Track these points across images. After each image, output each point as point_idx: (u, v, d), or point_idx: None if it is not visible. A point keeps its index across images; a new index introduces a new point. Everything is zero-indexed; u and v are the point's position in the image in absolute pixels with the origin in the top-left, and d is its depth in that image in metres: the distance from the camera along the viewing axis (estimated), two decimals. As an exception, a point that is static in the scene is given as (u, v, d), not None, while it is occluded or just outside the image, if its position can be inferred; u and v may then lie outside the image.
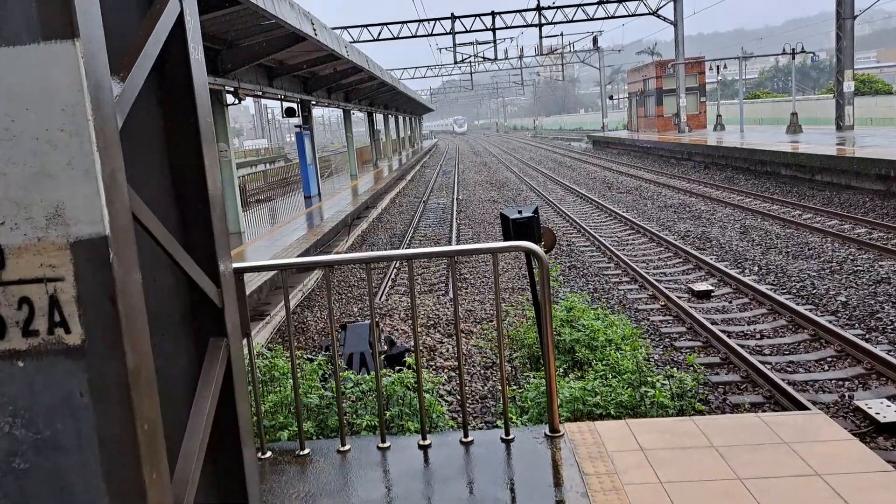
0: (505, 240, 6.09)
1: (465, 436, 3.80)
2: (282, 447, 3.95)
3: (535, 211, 5.81)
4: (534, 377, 5.42)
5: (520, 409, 5.16)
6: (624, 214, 18.94)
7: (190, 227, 1.95)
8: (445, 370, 8.02)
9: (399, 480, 3.55)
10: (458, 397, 7.27)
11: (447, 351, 8.65)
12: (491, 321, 9.86)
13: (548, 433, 3.80)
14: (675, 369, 6.11)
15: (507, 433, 3.79)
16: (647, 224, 17.31)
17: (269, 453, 3.85)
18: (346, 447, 3.84)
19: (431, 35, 37.19)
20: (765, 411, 6.63)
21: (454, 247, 3.64)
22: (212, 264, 1.94)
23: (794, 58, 32.60)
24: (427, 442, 3.80)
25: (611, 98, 64.14)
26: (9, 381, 1.43)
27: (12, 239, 1.41)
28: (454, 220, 21.06)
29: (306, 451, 3.84)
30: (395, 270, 13.88)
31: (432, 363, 8.10)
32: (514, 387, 6.74)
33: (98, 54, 1.43)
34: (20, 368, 1.43)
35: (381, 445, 3.82)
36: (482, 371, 7.99)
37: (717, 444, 3.55)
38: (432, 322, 9.91)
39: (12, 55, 1.36)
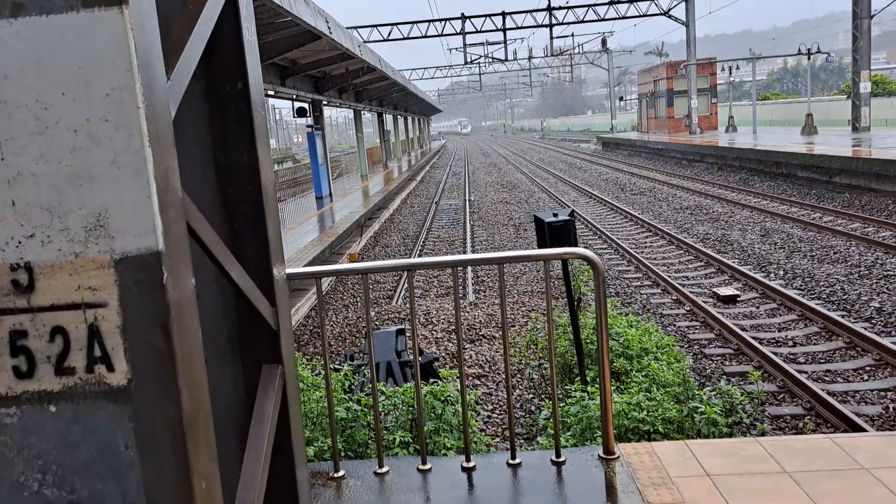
0: (539, 244, 5.83)
1: (513, 457, 3.52)
2: (314, 468, 3.68)
3: (571, 214, 5.54)
4: (575, 390, 5.14)
5: (560, 424, 4.87)
6: (640, 216, 18.63)
7: (240, 235, 1.68)
8: (469, 377, 7.75)
9: (443, 506, 3.28)
10: (485, 408, 7.00)
11: (471, 358, 8.37)
12: (513, 326, 9.58)
13: (602, 455, 3.52)
14: (721, 382, 5.82)
15: (558, 455, 3.51)
16: (664, 226, 16.99)
17: (300, 475, 3.58)
18: (384, 469, 3.56)
19: (441, 35, 36.92)
20: (821, 429, 6.33)
21: (502, 253, 3.38)
22: (266, 278, 1.67)
23: (809, 58, 32.20)
24: (471, 464, 3.52)
25: (621, 99, 63.75)
26: (39, 429, 1.16)
27: (44, 255, 1.14)
28: (467, 221, 20.78)
29: (341, 472, 3.57)
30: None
31: (455, 370, 7.82)
32: (547, 397, 6.47)
33: (149, 27, 1.16)
34: (52, 414, 1.16)
35: (421, 468, 3.54)
36: (517, 381, 7.70)
37: (790, 470, 3.27)
38: (453, 327, 9.63)
39: (45, 26, 1.09)
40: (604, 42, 55.79)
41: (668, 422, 4.51)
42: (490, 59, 50.25)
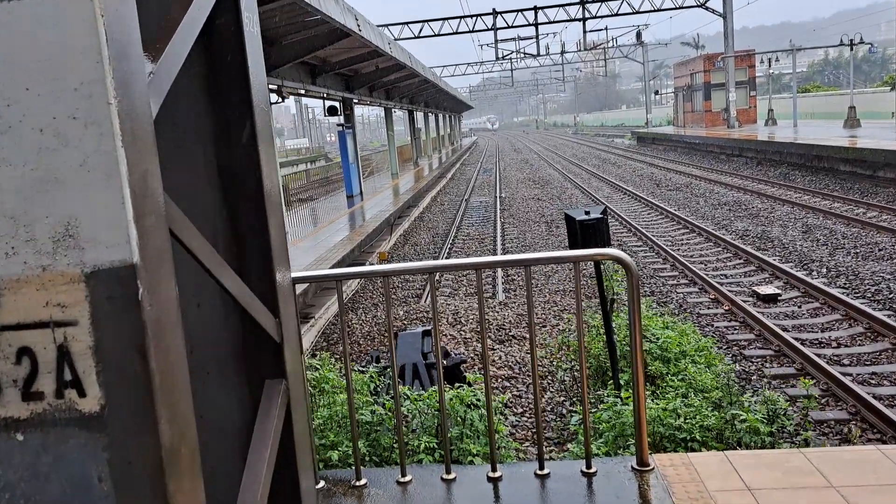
0: (570, 243, 5.65)
1: (541, 468, 3.37)
2: (335, 476, 3.58)
3: (604, 212, 5.36)
4: (608, 395, 4.96)
5: (592, 431, 4.70)
6: (676, 212, 18.24)
7: (242, 241, 1.56)
8: (498, 379, 7.60)
9: (468, 518, 3.15)
10: (514, 412, 6.84)
11: (500, 359, 8.22)
12: (544, 327, 9.40)
13: (635, 466, 3.35)
14: (765, 389, 5.57)
15: (589, 466, 3.34)
16: (701, 223, 16.60)
17: (321, 483, 3.48)
18: (407, 478, 3.44)
19: (473, 31, 36.70)
20: (867, 434, 6.06)
21: (530, 255, 3.23)
22: (268, 286, 1.55)
23: (851, 49, 31.26)
24: (497, 474, 3.38)
25: (656, 93, 62.79)
26: (5, 459, 1.06)
27: (8, 268, 1.03)
28: (498, 219, 20.59)
29: (363, 481, 3.45)
30: (438, 273, 13.47)
31: (482, 372, 7.66)
32: (579, 401, 6.29)
33: (124, 14, 1.04)
34: (19, 443, 1.06)
35: (445, 477, 3.41)
36: (539, 381, 7.53)
37: (838, 485, 3.06)
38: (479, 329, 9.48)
39: (6, 13, 0.98)
40: (638, 35, 54.98)
41: (706, 429, 4.31)
42: (522, 55, 49.86)
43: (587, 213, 5.20)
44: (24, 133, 1.01)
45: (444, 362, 6.20)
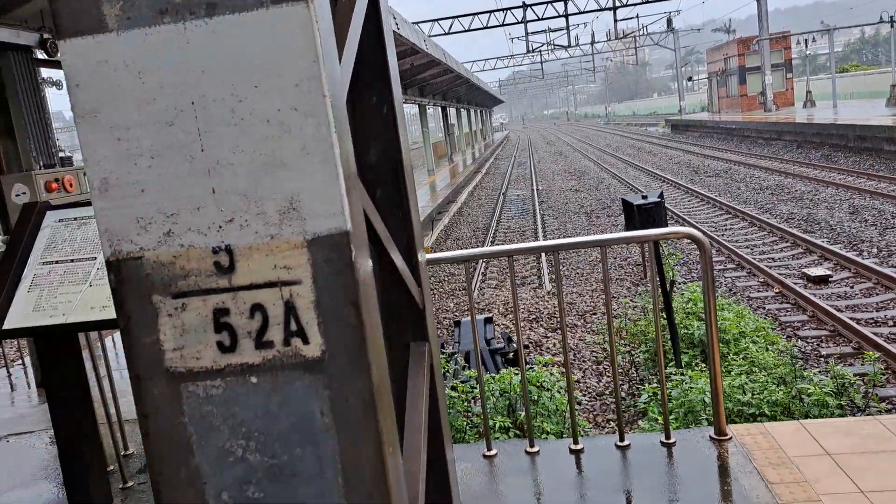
0: (627, 227, 5.77)
1: (622, 439, 3.52)
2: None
3: (661, 195, 5.46)
4: (674, 374, 5.07)
5: (660, 409, 4.81)
6: (717, 198, 18.13)
7: (388, 220, 1.75)
8: (555, 365, 7.74)
9: (552, 488, 3.31)
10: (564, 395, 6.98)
11: (554, 346, 8.36)
12: (594, 314, 9.51)
13: (713, 436, 3.48)
14: (832, 365, 5.62)
15: (668, 437, 3.48)
16: (744, 207, 16.48)
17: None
18: (493, 452, 3.62)
19: (503, 25, 36.69)
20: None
21: (602, 236, 3.37)
22: (411, 259, 1.74)
23: (892, 26, 30.54)
24: (579, 446, 3.54)
25: (690, 79, 61.98)
26: (242, 399, 1.25)
27: (242, 238, 1.23)
28: (537, 211, 20.66)
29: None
30: (484, 264, 13.64)
31: (542, 358, 7.80)
32: (637, 384, 6.40)
33: (327, 19, 1.23)
34: (253, 385, 1.25)
35: (529, 450, 3.58)
36: (594, 367, 7.66)
37: (916, 448, 3.15)
38: (533, 316, 9.63)
39: (238, 23, 1.17)
40: (669, 22, 54.37)
41: (773, 404, 4.40)
42: (552, 46, 49.66)
43: (644, 197, 5.31)
44: (254, 124, 1.21)
45: (508, 348, 6.38)
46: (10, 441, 4.96)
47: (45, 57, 6.56)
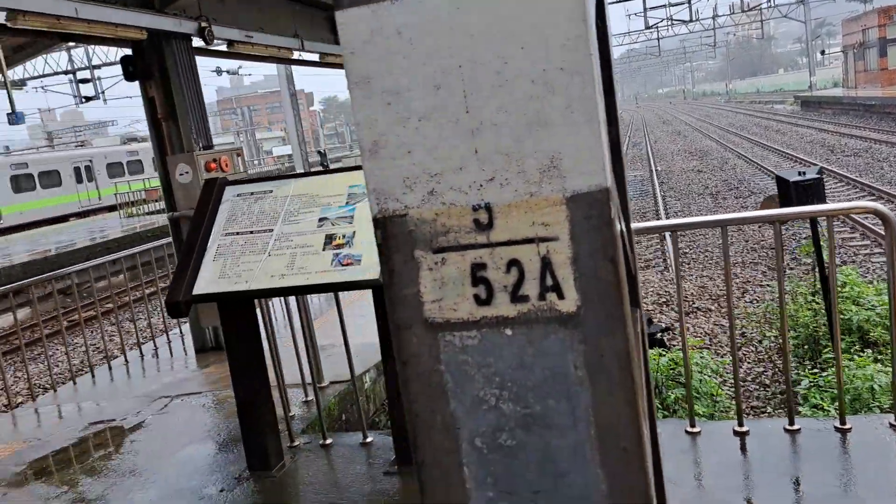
0: (782, 204, 5.49)
1: (791, 423, 3.39)
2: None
3: (820, 171, 5.17)
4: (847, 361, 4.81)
5: (824, 396, 4.59)
6: (858, 179, 16.91)
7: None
8: (692, 349, 7.52)
9: (716, 470, 3.24)
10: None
11: (688, 330, 8.12)
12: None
13: (893, 423, 3.29)
14: None
15: (843, 422, 3.32)
16: (889, 188, 15.28)
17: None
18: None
19: (620, 1, 35.60)
20: None
21: (774, 211, 3.25)
22: (627, 224, 1.74)
23: None
24: (745, 429, 3.44)
25: (822, 53, 57.88)
26: (496, 350, 1.31)
27: (502, 196, 1.27)
28: (657, 192, 20.04)
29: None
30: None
31: (674, 343, 7.62)
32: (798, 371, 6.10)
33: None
34: (508, 337, 1.31)
35: (690, 430, 3.52)
36: (743, 353, 7.38)
37: None
38: (664, 300, 9.39)
39: (506, -10, 1.21)
40: (800, -9, 50.91)
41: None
42: (672, 21, 47.74)
43: (801, 173, 5.04)
44: (519, 85, 1.25)
45: (651, 329, 6.26)
46: (182, 400, 5.39)
47: (202, 45, 6.99)
